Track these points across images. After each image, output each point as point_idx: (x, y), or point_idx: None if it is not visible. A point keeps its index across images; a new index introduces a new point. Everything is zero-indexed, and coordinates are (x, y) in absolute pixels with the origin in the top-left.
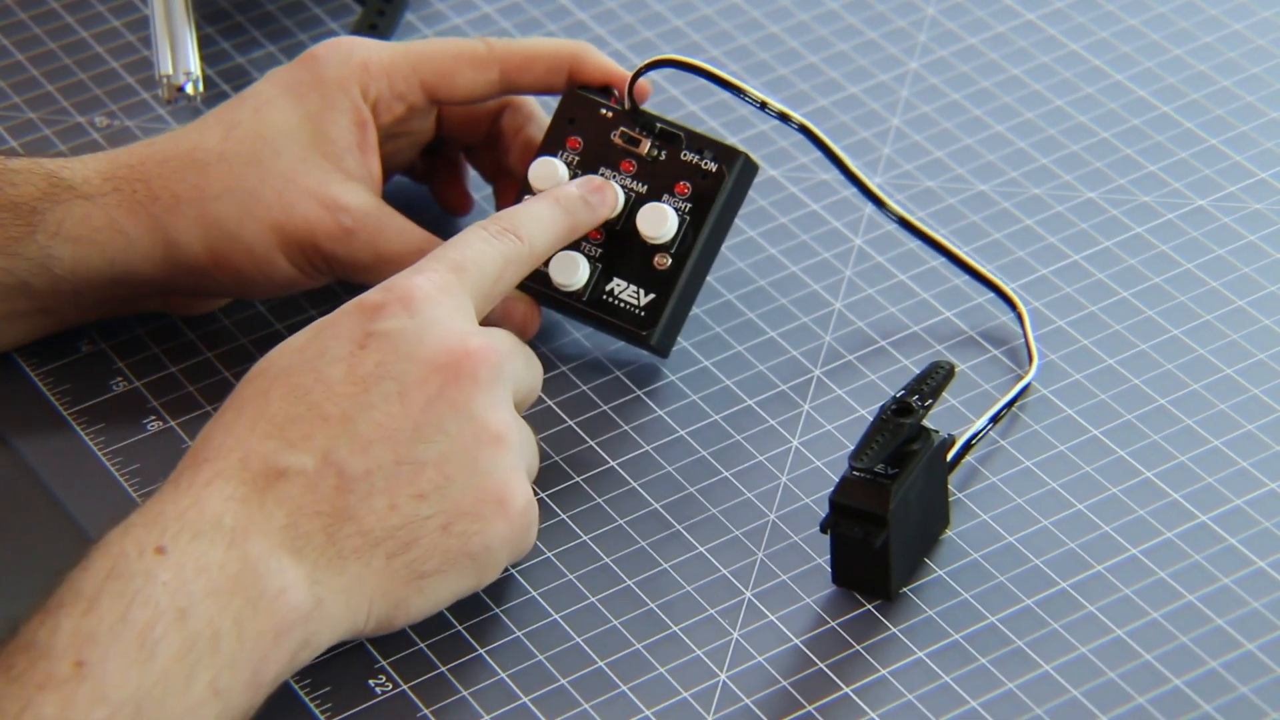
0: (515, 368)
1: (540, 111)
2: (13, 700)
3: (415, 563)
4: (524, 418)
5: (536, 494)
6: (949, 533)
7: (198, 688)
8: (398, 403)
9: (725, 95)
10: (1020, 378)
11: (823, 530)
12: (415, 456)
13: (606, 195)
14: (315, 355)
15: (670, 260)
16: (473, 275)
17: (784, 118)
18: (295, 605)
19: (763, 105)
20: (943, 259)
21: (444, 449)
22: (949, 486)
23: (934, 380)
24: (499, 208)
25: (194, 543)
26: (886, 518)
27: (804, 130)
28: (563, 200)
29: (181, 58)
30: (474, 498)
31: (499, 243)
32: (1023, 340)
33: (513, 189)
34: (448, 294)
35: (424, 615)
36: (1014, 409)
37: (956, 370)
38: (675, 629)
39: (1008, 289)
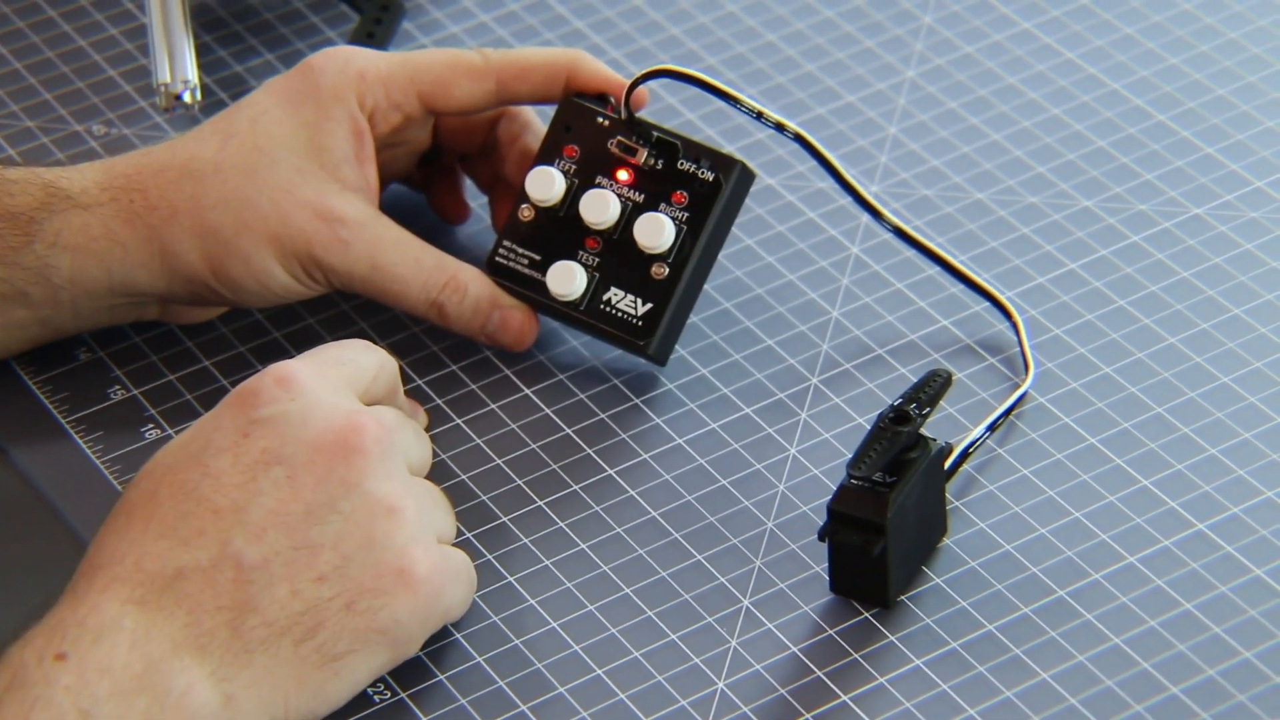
0: (404, 440)
1: (536, 121)
2: None
3: (324, 646)
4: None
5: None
6: (946, 541)
7: None
8: (288, 486)
9: (722, 104)
10: (1017, 386)
11: (821, 538)
12: (311, 539)
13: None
14: (200, 449)
15: (667, 270)
16: (350, 369)
17: (780, 127)
18: (203, 703)
19: (758, 115)
20: (939, 267)
21: (339, 528)
22: (946, 494)
23: (931, 389)
24: (494, 216)
25: (95, 646)
26: (885, 525)
27: (799, 139)
28: (417, 415)
29: (179, 66)
30: (373, 573)
31: (374, 351)
32: (1019, 348)
33: (508, 198)
34: (325, 378)
35: (345, 699)
36: (1011, 417)
37: (954, 379)
38: (673, 637)
39: (1002, 297)
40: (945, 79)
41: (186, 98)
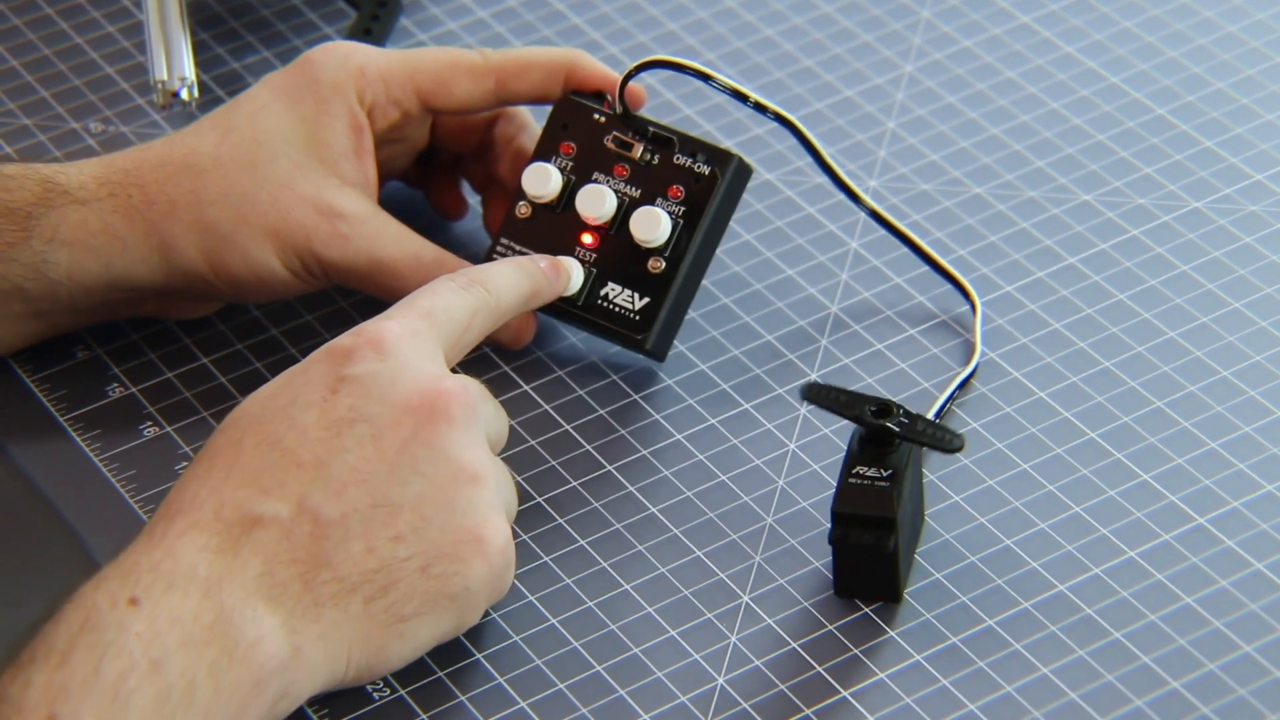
0: (487, 410)
1: (532, 122)
2: None
3: (394, 606)
4: (503, 459)
5: (516, 535)
6: (947, 536)
7: None
8: (372, 446)
9: (719, 99)
10: (1018, 381)
11: (832, 543)
12: (391, 499)
13: (562, 273)
14: (287, 402)
15: (664, 264)
16: (442, 322)
17: (760, 107)
18: (271, 654)
19: (739, 95)
20: (930, 268)
21: (420, 490)
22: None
23: (933, 429)
24: (487, 218)
25: (168, 594)
26: (895, 520)
27: (780, 119)
28: (527, 266)
29: (176, 63)
30: (452, 538)
31: (468, 294)
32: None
33: (502, 199)
34: (418, 338)
35: (405, 662)
36: (1009, 411)
37: (963, 447)
38: (673, 633)
39: (967, 284)
40: (943, 73)
41: (184, 95)
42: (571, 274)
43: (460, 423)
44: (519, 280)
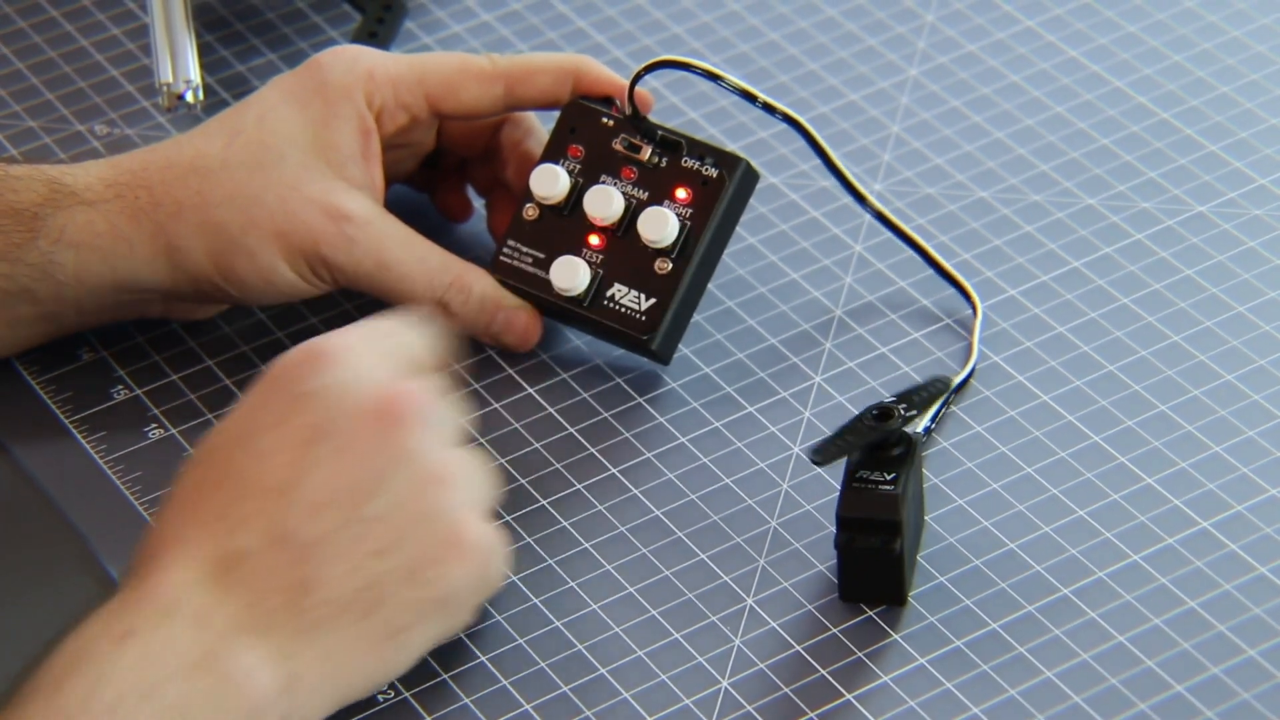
0: (445, 408)
1: (539, 126)
2: None
3: (388, 620)
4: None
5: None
6: (951, 540)
7: None
8: (336, 461)
9: (724, 103)
10: (1020, 384)
11: (837, 548)
12: (365, 514)
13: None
14: (245, 432)
15: (671, 265)
16: (393, 342)
17: (769, 108)
18: (265, 684)
19: (749, 96)
20: (934, 270)
21: (390, 501)
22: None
23: (927, 392)
24: (491, 221)
25: (159, 627)
26: (900, 524)
27: (788, 120)
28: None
29: (181, 66)
30: (429, 543)
31: (420, 329)
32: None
33: (507, 203)
34: (367, 346)
35: (408, 667)
36: (1013, 414)
37: (953, 384)
38: (677, 636)
39: (969, 287)
40: (948, 77)
41: (189, 98)
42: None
43: (420, 424)
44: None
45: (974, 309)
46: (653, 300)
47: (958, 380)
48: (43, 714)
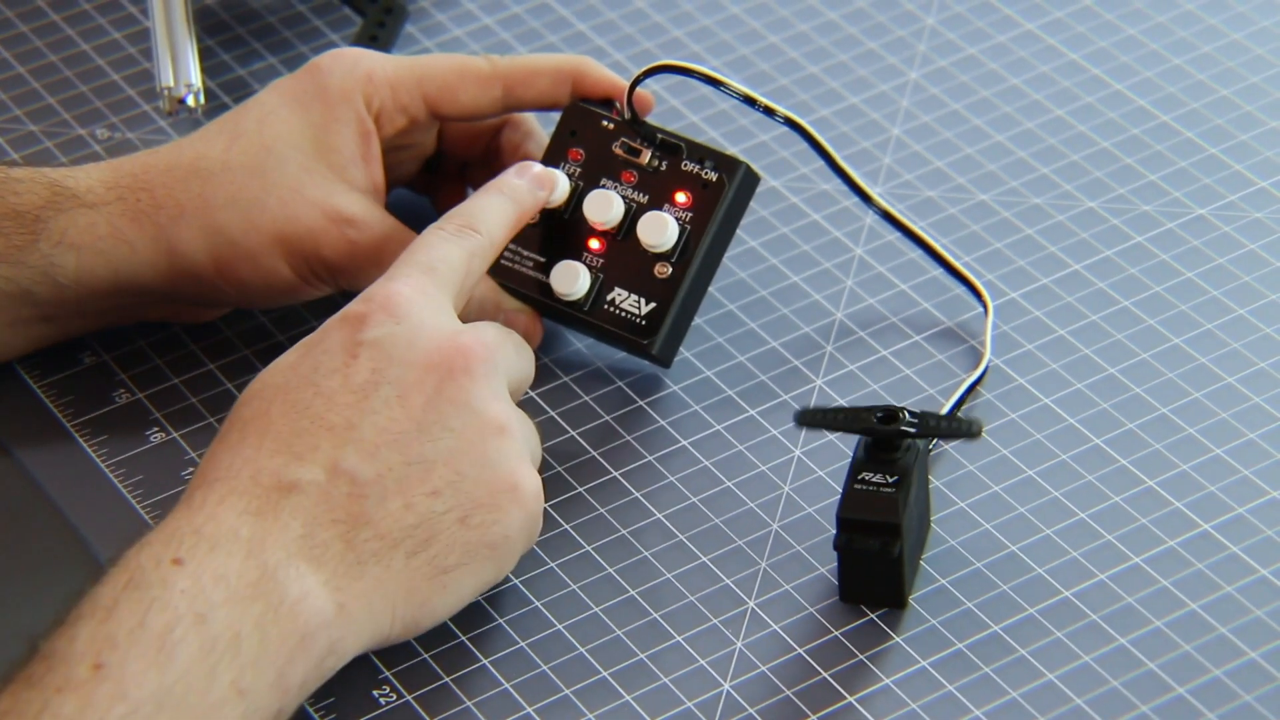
0: (506, 356)
1: (539, 129)
2: (30, 703)
3: (436, 559)
4: (521, 406)
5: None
6: (953, 542)
7: (220, 686)
8: (398, 406)
9: (724, 106)
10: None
11: (837, 549)
12: (423, 455)
13: (545, 180)
14: (310, 370)
15: (671, 269)
16: (444, 274)
17: (769, 111)
18: (317, 611)
19: (750, 100)
20: (943, 269)
21: (450, 445)
22: (930, 488)
23: (947, 423)
24: None
25: (211, 554)
26: (900, 526)
27: (790, 123)
28: (506, 188)
29: (182, 70)
30: (487, 489)
31: (461, 240)
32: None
33: None
34: (426, 295)
35: (449, 613)
36: (1015, 417)
37: (981, 432)
38: (678, 639)
39: (979, 286)
40: (949, 80)
41: (190, 101)
42: (558, 184)
43: (480, 376)
44: (504, 209)
45: (985, 307)
46: (653, 304)
47: (971, 379)
48: (91, 639)
